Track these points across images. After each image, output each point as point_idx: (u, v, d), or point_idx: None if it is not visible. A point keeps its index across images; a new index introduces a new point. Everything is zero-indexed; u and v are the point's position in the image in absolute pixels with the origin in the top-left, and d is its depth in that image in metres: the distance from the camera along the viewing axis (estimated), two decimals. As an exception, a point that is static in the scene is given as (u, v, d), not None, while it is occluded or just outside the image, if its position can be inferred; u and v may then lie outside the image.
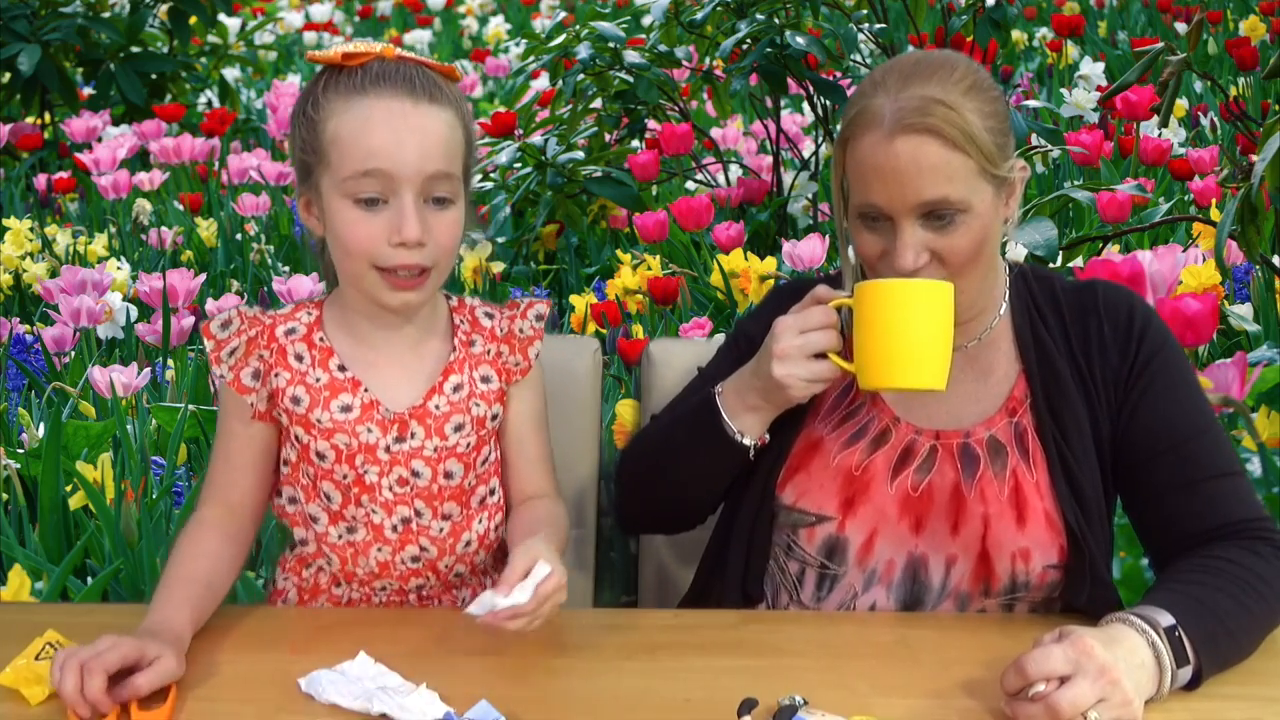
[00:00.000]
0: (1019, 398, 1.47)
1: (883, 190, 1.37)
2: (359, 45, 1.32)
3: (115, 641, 1.20)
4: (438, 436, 1.41)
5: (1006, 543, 1.42)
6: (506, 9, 11.21)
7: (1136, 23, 8.31)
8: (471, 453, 1.44)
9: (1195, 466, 1.41)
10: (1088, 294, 1.49)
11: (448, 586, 1.53)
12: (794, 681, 1.25)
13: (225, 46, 7.54)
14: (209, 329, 1.40)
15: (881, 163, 1.36)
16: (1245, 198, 2.49)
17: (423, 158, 1.29)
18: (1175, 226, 3.95)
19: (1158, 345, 1.45)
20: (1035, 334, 1.48)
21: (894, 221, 1.39)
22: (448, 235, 1.32)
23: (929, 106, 1.34)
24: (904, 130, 1.35)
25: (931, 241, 1.38)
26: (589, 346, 1.86)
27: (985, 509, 1.43)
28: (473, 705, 1.20)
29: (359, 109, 1.29)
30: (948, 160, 1.35)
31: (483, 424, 1.44)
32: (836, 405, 1.52)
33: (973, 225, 1.38)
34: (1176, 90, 2.87)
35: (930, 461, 1.47)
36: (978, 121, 1.36)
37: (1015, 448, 1.45)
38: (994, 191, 1.40)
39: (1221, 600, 1.29)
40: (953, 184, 1.36)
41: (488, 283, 4.07)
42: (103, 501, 2.28)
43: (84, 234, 4.89)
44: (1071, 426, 1.44)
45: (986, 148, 1.36)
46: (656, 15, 4.48)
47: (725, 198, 4.68)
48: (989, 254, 1.44)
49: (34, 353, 3.75)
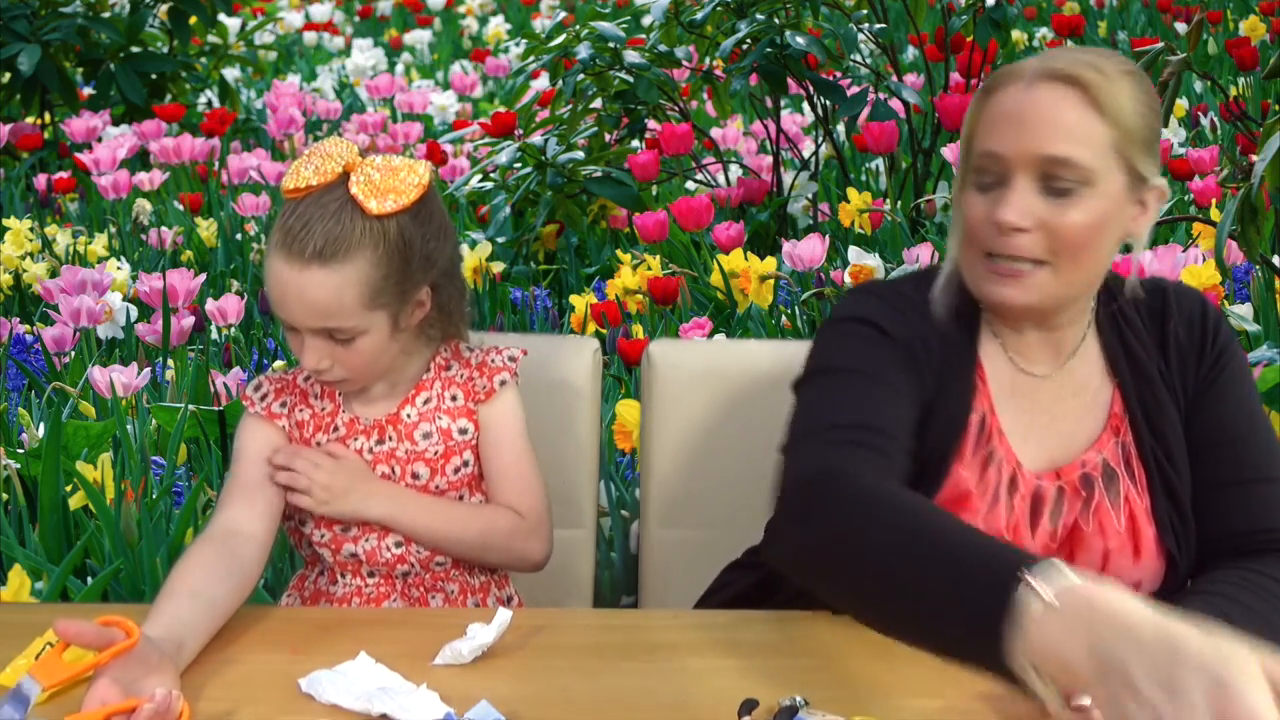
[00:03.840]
0: (1119, 414, 1.39)
1: (1008, 134, 1.28)
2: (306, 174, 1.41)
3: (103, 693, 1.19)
4: (408, 441, 1.56)
5: (1124, 578, 1.34)
6: (506, 9, 11.21)
7: (1136, 23, 8.31)
8: (439, 459, 1.56)
9: (1248, 466, 1.36)
10: (1158, 296, 1.42)
11: (434, 576, 1.59)
12: (794, 681, 1.25)
13: (225, 46, 7.53)
14: (246, 394, 1.59)
15: (1014, 108, 1.28)
16: (1245, 198, 2.49)
17: (306, 315, 1.43)
18: (1175, 226, 3.95)
19: (1227, 342, 1.40)
20: (1125, 343, 1.40)
21: (1010, 179, 1.29)
22: (357, 360, 1.47)
23: (1080, 64, 1.28)
24: (1048, 77, 1.28)
25: (1043, 211, 1.28)
26: (589, 346, 1.86)
27: (1105, 543, 1.36)
28: (473, 705, 1.20)
29: (269, 262, 1.44)
30: (1086, 120, 1.27)
31: (449, 435, 1.57)
32: (977, 446, 1.38)
33: (1093, 205, 1.28)
34: (1176, 90, 2.87)
35: (1060, 504, 1.37)
36: (1128, 99, 1.28)
37: (1124, 471, 1.37)
38: (1126, 184, 1.30)
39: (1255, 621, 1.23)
40: (1083, 146, 1.26)
41: (488, 283, 4.07)
42: (103, 501, 2.28)
43: (84, 234, 4.89)
44: (1173, 441, 1.37)
45: (1131, 125, 1.28)
46: (656, 15, 4.48)
47: (725, 198, 4.67)
48: (1102, 254, 1.33)
49: (34, 353, 3.75)
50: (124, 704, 1.16)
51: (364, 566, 1.57)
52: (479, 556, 1.60)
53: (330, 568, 1.59)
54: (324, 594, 1.60)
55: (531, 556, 1.60)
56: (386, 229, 1.42)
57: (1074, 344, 1.41)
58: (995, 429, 1.37)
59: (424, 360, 1.59)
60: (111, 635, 1.19)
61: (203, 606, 1.35)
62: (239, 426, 1.59)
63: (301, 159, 1.43)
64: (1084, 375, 1.40)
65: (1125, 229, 1.34)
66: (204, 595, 1.36)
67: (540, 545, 1.60)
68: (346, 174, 1.42)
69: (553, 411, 1.79)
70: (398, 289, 1.45)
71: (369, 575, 1.57)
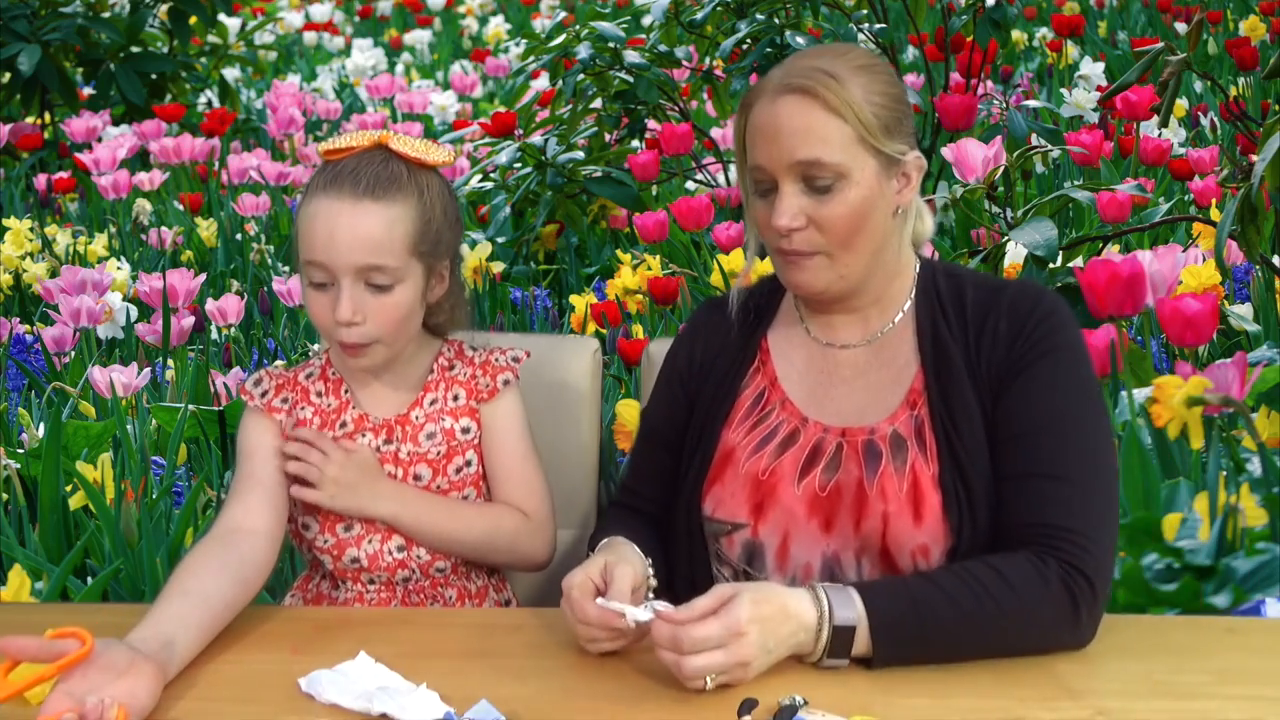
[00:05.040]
0: (918, 390, 1.47)
1: (765, 149, 1.43)
2: (343, 141, 1.49)
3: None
4: (411, 442, 1.56)
5: (905, 541, 1.41)
6: (506, 9, 11.21)
7: (1136, 23, 8.31)
8: (441, 460, 1.56)
9: (1034, 460, 1.39)
10: (997, 293, 1.48)
11: (434, 583, 1.58)
12: (794, 681, 1.25)
13: (225, 46, 7.54)
14: (245, 388, 1.59)
15: (765, 123, 1.43)
16: (1245, 198, 2.49)
17: (351, 251, 1.44)
18: (1175, 226, 3.95)
19: (1051, 343, 1.43)
20: (934, 328, 1.48)
21: (778, 185, 1.42)
22: (385, 315, 1.48)
23: (812, 73, 1.41)
24: (786, 90, 1.42)
25: (810, 208, 1.42)
26: (589, 346, 1.86)
27: (885, 506, 1.42)
28: (473, 705, 1.20)
29: (313, 205, 1.47)
30: (824, 122, 1.40)
31: (452, 435, 1.57)
32: (750, 412, 1.53)
33: (850, 196, 1.41)
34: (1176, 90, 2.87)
35: (837, 460, 1.46)
36: (860, 94, 1.41)
37: (915, 441, 1.44)
38: (879, 168, 1.43)
39: (936, 595, 1.30)
40: (827, 146, 1.40)
41: (488, 282, 4.07)
42: (103, 501, 2.28)
43: (84, 234, 4.89)
44: (962, 417, 1.43)
45: (866, 118, 1.40)
46: (656, 15, 4.48)
47: (725, 198, 4.67)
48: (873, 235, 1.45)
49: (34, 353, 3.75)
50: (55, 715, 1.16)
51: (365, 573, 1.56)
52: (483, 557, 1.60)
53: (330, 573, 1.59)
54: (326, 597, 1.60)
55: (535, 556, 1.61)
56: (428, 184, 1.49)
57: (882, 322, 1.52)
58: (777, 399, 1.52)
59: (428, 360, 1.60)
60: (61, 647, 1.20)
61: (195, 603, 1.35)
62: (241, 424, 1.59)
63: (335, 138, 1.51)
64: (892, 351, 1.51)
65: (891, 203, 1.46)
66: (197, 592, 1.36)
67: (544, 545, 1.61)
68: (382, 144, 1.49)
69: (553, 411, 1.79)
70: (433, 246, 1.50)
71: (369, 582, 1.57)
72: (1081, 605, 1.32)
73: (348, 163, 1.47)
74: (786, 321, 1.58)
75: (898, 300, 1.52)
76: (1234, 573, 1.75)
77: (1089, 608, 1.32)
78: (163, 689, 1.24)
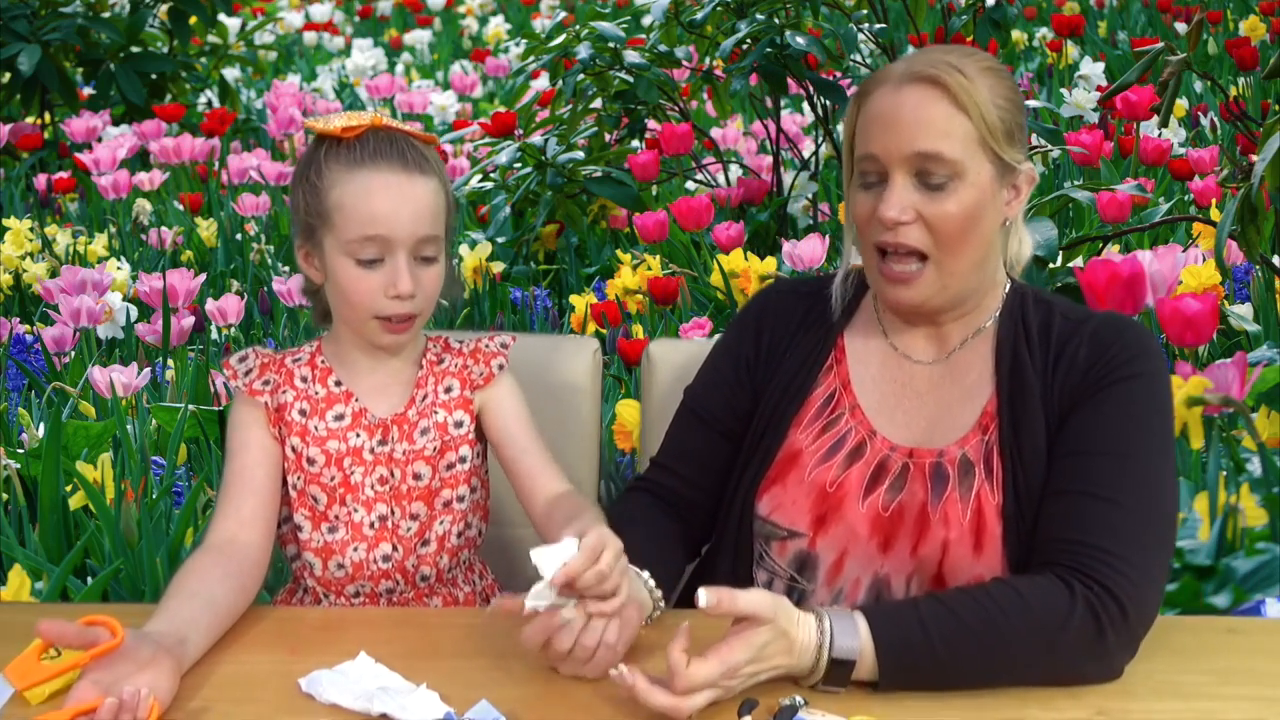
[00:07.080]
0: (991, 413, 1.42)
1: (881, 137, 1.38)
2: (352, 118, 1.47)
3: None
4: (407, 441, 1.53)
5: (963, 570, 1.38)
6: (506, 9, 11.21)
7: (1136, 23, 8.31)
8: (436, 456, 1.54)
9: (1087, 479, 1.33)
10: (1083, 323, 1.43)
11: (418, 594, 1.56)
12: (794, 682, 1.25)
13: (225, 46, 7.54)
14: (229, 363, 1.56)
15: (885, 110, 1.39)
16: (1245, 198, 2.49)
17: (415, 222, 1.45)
18: (1175, 226, 3.95)
19: (1129, 370, 1.38)
20: (1015, 353, 1.43)
21: (889, 176, 1.39)
22: (432, 287, 1.49)
23: (942, 65, 1.38)
24: (912, 80, 1.38)
25: (920, 204, 1.38)
26: (589, 346, 1.86)
27: (947, 533, 1.38)
28: (473, 705, 1.20)
29: (361, 180, 1.44)
30: (949, 116, 1.37)
31: (445, 429, 1.54)
32: (820, 414, 1.49)
33: (964, 195, 1.38)
34: (1176, 90, 2.87)
35: (902, 480, 1.42)
36: (987, 95, 1.38)
37: (982, 468, 1.40)
38: (994, 172, 1.39)
39: (946, 618, 1.25)
40: (949, 141, 1.36)
41: (488, 282, 4.07)
42: (103, 501, 2.28)
43: (84, 234, 4.89)
44: (1029, 447, 1.38)
45: (991, 119, 1.37)
46: (656, 15, 4.48)
47: (725, 198, 4.68)
48: (979, 243, 1.41)
49: (34, 353, 3.75)
50: (92, 703, 1.16)
51: (350, 584, 1.53)
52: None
53: (313, 588, 1.56)
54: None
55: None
56: (441, 165, 1.51)
57: (959, 340, 1.48)
58: (848, 403, 1.48)
59: (416, 356, 1.58)
60: (95, 635, 1.19)
61: (203, 605, 1.35)
62: (231, 413, 1.56)
63: (328, 116, 1.49)
64: (965, 370, 1.46)
65: (1000, 214, 1.43)
66: (203, 595, 1.36)
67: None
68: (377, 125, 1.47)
69: (553, 411, 1.79)
70: (452, 218, 1.52)
71: (354, 595, 1.55)
72: (1108, 629, 1.24)
73: (369, 140, 1.45)
74: (865, 322, 1.53)
75: (980, 318, 1.48)
76: (1234, 573, 1.76)
77: (1117, 633, 1.25)
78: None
